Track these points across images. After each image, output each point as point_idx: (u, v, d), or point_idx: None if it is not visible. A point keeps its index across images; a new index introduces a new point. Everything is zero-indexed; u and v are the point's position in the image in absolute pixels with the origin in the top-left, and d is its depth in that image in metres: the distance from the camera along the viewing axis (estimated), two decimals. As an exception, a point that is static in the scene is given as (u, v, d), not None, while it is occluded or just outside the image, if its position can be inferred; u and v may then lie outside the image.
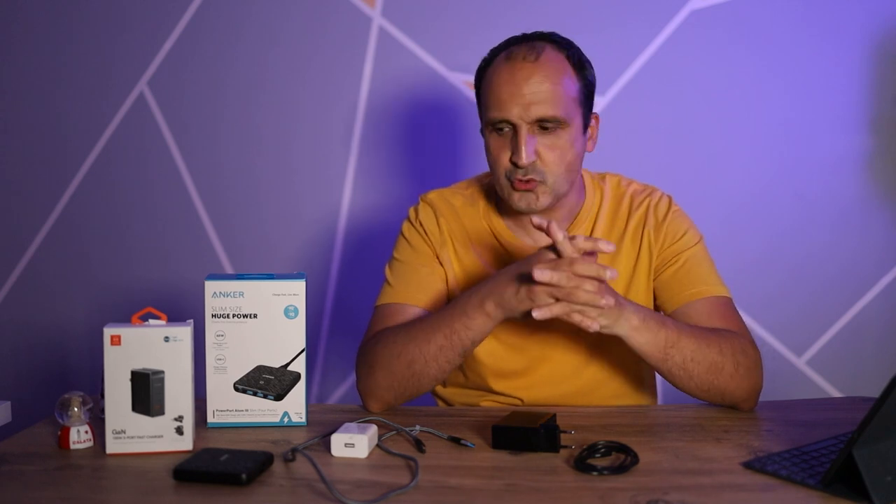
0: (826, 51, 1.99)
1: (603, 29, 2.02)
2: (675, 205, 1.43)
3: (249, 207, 2.16)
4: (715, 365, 1.24)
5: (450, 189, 1.49)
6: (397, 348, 1.29)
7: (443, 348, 1.26)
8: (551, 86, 1.29)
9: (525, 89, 1.28)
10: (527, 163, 1.29)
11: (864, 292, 2.04)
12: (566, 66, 1.32)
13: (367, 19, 2.08)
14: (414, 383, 1.29)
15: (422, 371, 1.27)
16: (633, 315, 1.19)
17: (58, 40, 2.18)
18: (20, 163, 2.22)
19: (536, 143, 1.30)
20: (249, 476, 1.02)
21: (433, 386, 1.32)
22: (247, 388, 1.24)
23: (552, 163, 1.31)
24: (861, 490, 0.93)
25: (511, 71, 1.31)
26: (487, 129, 1.35)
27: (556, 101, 1.29)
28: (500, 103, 1.30)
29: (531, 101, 1.28)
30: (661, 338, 1.21)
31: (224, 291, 1.23)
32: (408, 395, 1.31)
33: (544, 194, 1.32)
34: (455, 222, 1.44)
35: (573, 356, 1.40)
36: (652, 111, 2.03)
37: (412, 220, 1.47)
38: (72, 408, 1.15)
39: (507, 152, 1.32)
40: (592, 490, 0.99)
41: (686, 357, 1.23)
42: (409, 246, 1.44)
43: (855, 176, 2.01)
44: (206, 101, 2.15)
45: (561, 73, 1.31)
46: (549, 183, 1.32)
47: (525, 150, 1.29)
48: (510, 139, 1.32)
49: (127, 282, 2.20)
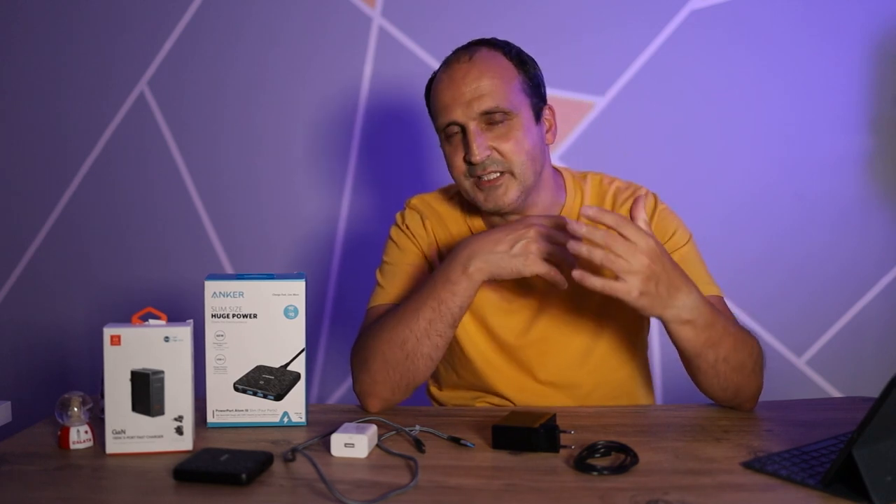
0: (826, 51, 1.99)
1: (603, 29, 2.02)
2: (662, 202, 1.41)
3: (249, 207, 2.16)
4: (742, 365, 1.23)
5: (432, 194, 1.51)
6: (387, 334, 1.28)
7: (432, 321, 1.26)
8: (489, 80, 1.30)
9: (464, 88, 1.30)
10: (480, 158, 1.29)
11: (864, 292, 2.04)
12: (502, 61, 1.34)
13: (367, 19, 2.08)
14: (410, 367, 1.28)
15: (415, 350, 1.27)
16: (684, 308, 1.14)
17: (58, 40, 2.18)
18: (20, 163, 2.22)
19: (487, 139, 1.30)
20: (249, 476, 1.02)
21: (428, 368, 1.30)
22: (247, 387, 1.24)
23: (511, 152, 1.30)
24: (861, 490, 0.93)
25: (449, 75, 1.33)
26: (441, 140, 1.36)
27: (496, 93, 1.30)
28: (444, 107, 1.32)
29: (472, 98, 1.29)
30: (704, 337, 1.18)
31: (224, 291, 1.23)
32: (404, 383, 1.29)
33: (511, 186, 1.32)
34: (440, 226, 1.46)
35: (568, 357, 1.39)
36: (652, 111, 2.03)
37: (399, 224, 1.48)
38: (72, 408, 1.15)
39: (460, 154, 1.33)
40: (592, 490, 0.99)
41: (719, 357, 1.20)
42: (398, 248, 1.46)
43: (855, 176, 2.01)
44: (206, 101, 2.15)
45: (497, 67, 1.32)
46: (516, 173, 1.31)
47: (476, 146, 1.29)
48: (461, 141, 1.33)
49: (127, 282, 2.20)
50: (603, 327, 1.39)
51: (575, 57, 2.03)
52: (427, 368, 1.30)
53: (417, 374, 1.30)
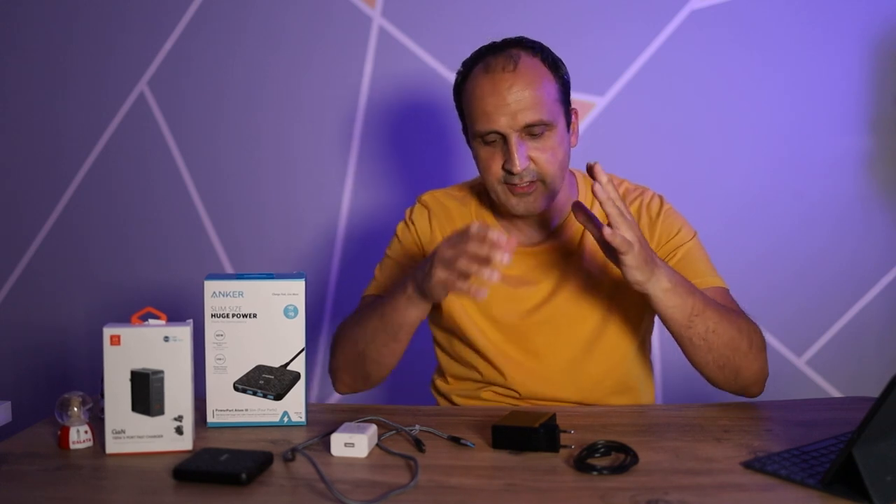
0: (826, 51, 1.99)
1: (603, 29, 2.02)
2: (667, 203, 1.46)
3: (249, 207, 2.16)
4: (734, 340, 1.27)
5: (443, 191, 1.54)
6: (349, 330, 1.39)
7: (377, 330, 1.32)
8: (533, 92, 1.32)
9: (509, 98, 1.31)
10: (521, 169, 1.32)
11: (864, 292, 2.04)
12: (543, 70, 1.36)
13: (367, 19, 2.08)
14: (360, 365, 1.37)
15: (364, 351, 1.35)
16: (664, 277, 1.22)
17: (58, 40, 2.18)
18: (20, 163, 2.22)
19: (527, 149, 1.33)
20: (249, 476, 1.02)
21: (378, 371, 1.37)
22: (246, 387, 1.24)
23: (546, 162, 1.34)
24: (861, 490, 0.93)
25: (493, 83, 1.33)
26: (476, 141, 1.37)
27: (539, 106, 1.32)
28: (487, 115, 1.33)
29: (516, 110, 1.31)
30: (689, 304, 1.24)
31: (224, 291, 1.23)
32: (361, 377, 1.39)
33: (542, 195, 1.36)
34: (448, 223, 1.48)
35: (572, 350, 1.41)
36: (652, 111, 2.03)
37: (406, 219, 1.52)
38: (72, 408, 1.15)
39: (498, 161, 1.35)
40: (592, 490, 0.99)
41: (709, 328, 1.25)
42: (399, 243, 1.51)
43: (855, 176, 2.01)
44: (206, 101, 2.15)
45: (540, 78, 1.34)
46: (547, 182, 1.35)
47: (518, 157, 1.31)
48: (500, 148, 1.34)
49: (127, 282, 2.20)
50: (611, 315, 1.42)
51: (575, 57, 2.01)
52: (377, 371, 1.37)
53: (369, 373, 1.38)
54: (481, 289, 1.15)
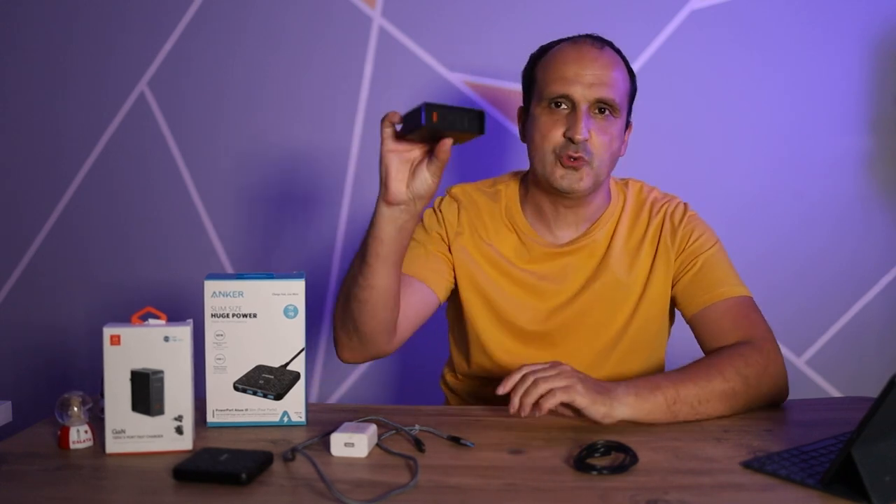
0: (826, 51, 1.99)
1: (603, 29, 2.00)
2: (691, 210, 1.47)
3: (249, 207, 2.16)
4: (724, 394, 1.23)
5: (473, 185, 1.54)
6: (341, 286, 1.34)
7: (359, 265, 1.27)
8: (613, 72, 1.36)
9: (590, 70, 1.35)
10: (582, 138, 1.33)
11: (864, 292, 2.04)
12: (623, 66, 1.41)
13: (367, 19, 2.08)
14: (350, 308, 1.30)
15: (349, 292, 1.29)
16: (622, 393, 1.18)
17: (58, 40, 2.18)
18: (20, 163, 2.22)
19: (591, 125, 1.35)
20: (249, 476, 1.02)
21: (362, 314, 1.29)
22: (246, 387, 1.24)
23: (600, 146, 1.36)
24: (860, 490, 0.93)
25: (579, 52, 1.37)
26: (542, 106, 1.38)
27: (615, 87, 1.36)
28: (565, 80, 1.35)
29: (593, 83, 1.34)
30: (661, 400, 1.20)
31: (224, 291, 1.23)
32: (354, 332, 1.32)
33: (588, 175, 1.36)
34: (476, 217, 1.48)
35: (591, 352, 1.43)
36: (652, 111, 2.02)
37: (435, 207, 1.52)
38: (72, 407, 1.15)
39: (559, 128, 1.36)
40: (592, 490, 0.99)
41: (692, 404, 1.21)
42: (424, 229, 1.49)
43: (855, 176, 2.01)
44: (206, 101, 2.15)
45: (621, 67, 1.40)
46: (595, 165, 1.36)
47: (582, 125, 1.33)
48: (565, 116, 1.36)
49: (127, 282, 2.20)
50: (633, 321, 1.43)
51: (575, 57, 2.03)
52: (361, 314, 1.29)
53: (358, 324, 1.30)
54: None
